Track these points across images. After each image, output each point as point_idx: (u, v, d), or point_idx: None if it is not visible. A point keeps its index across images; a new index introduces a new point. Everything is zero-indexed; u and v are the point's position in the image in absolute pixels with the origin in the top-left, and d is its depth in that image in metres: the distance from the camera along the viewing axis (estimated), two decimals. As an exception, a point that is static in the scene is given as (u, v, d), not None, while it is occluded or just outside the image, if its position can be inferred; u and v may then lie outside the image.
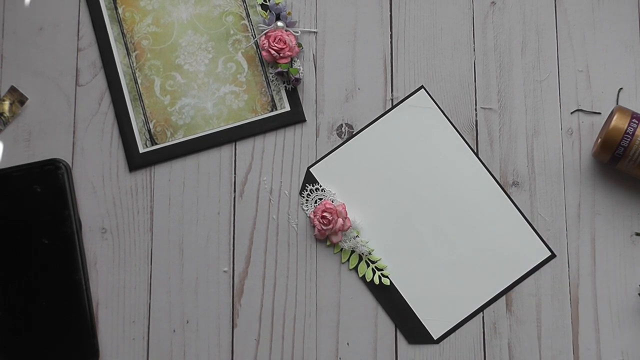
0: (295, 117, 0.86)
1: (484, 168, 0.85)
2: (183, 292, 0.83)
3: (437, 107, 0.86)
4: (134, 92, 0.87)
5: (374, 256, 0.83)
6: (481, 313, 0.82)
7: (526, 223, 0.84)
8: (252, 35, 0.88)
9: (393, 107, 0.87)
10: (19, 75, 0.87)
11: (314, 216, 0.83)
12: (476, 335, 0.82)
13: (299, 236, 0.84)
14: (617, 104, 0.86)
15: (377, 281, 0.83)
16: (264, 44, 0.85)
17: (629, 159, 0.80)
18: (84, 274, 0.82)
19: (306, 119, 0.87)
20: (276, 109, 0.87)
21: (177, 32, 0.88)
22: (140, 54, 0.87)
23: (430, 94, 0.87)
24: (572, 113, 0.86)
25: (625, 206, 0.84)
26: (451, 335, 0.82)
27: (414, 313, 0.82)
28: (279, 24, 0.86)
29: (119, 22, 0.88)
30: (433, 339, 0.82)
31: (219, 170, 0.86)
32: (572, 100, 0.86)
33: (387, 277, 0.83)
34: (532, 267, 0.83)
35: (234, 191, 0.85)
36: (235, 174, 0.86)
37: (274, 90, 0.87)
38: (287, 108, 0.87)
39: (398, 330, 0.83)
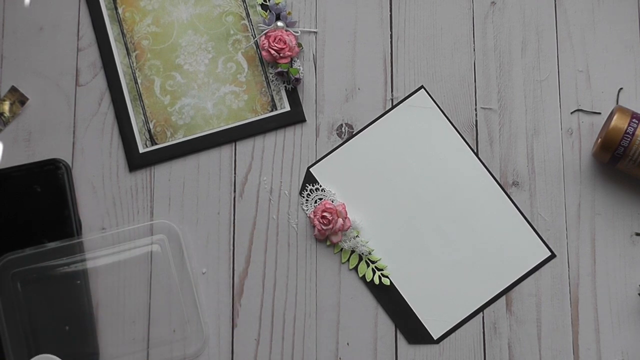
0: (295, 117, 0.86)
1: (484, 168, 0.85)
2: (183, 292, 0.83)
3: (437, 107, 0.86)
4: (134, 92, 0.87)
5: (374, 256, 0.84)
6: (481, 313, 0.82)
7: (526, 223, 0.84)
8: (252, 35, 0.88)
9: (393, 107, 0.87)
10: (19, 75, 0.87)
11: (314, 216, 0.83)
12: (476, 335, 0.82)
13: (299, 236, 0.84)
14: (617, 104, 0.86)
15: (377, 281, 0.83)
16: (264, 44, 0.85)
17: (629, 159, 0.80)
18: (83, 274, 0.82)
19: (306, 119, 0.87)
20: (276, 109, 0.87)
21: (177, 32, 0.88)
22: (140, 54, 0.87)
23: (430, 94, 0.87)
24: (572, 113, 0.86)
25: (625, 206, 0.84)
26: (451, 335, 0.82)
27: (414, 313, 0.82)
28: (279, 24, 0.86)
29: (119, 22, 0.88)
30: (433, 339, 0.82)
31: (219, 170, 0.86)
32: (572, 100, 0.86)
33: (387, 277, 0.83)
34: (532, 267, 0.83)
35: (234, 191, 0.85)
36: (235, 174, 0.86)
37: (274, 90, 0.87)
38: (287, 108, 0.87)
39: (398, 330, 0.83)
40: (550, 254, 0.83)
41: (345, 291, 0.83)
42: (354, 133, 0.86)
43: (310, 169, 0.86)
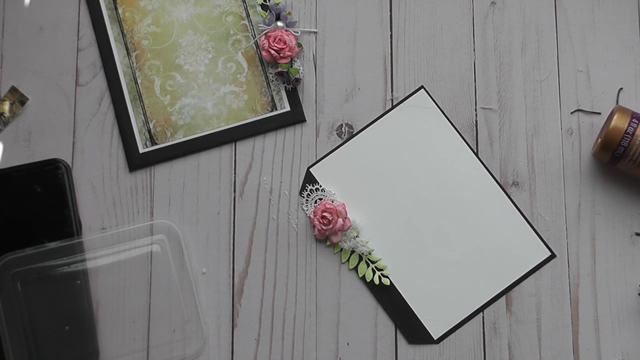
0: (295, 117, 0.86)
1: (484, 168, 0.85)
2: (183, 292, 0.83)
3: (437, 107, 0.86)
4: (134, 92, 0.87)
5: (374, 256, 0.84)
6: (481, 313, 0.82)
7: (526, 223, 0.84)
8: (252, 35, 0.88)
9: (393, 107, 0.87)
10: (19, 75, 0.87)
11: (314, 216, 0.83)
12: (476, 335, 0.82)
13: (299, 236, 0.84)
14: (617, 104, 0.86)
15: (377, 281, 0.83)
16: (264, 44, 0.85)
17: (629, 158, 0.80)
18: (83, 274, 0.82)
19: (306, 119, 0.87)
20: (276, 109, 0.87)
21: (177, 32, 0.88)
22: (140, 54, 0.87)
23: (430, 94, 0.87)
24: (572, 113, 0.86)
25: (625, 206, 0.84)
26: (451, 335, 0.82)
27: (414, 313, 0.83)
28: (279, 24, 0.86)
29: (119, 22, 0.88)
30: (433, 339, 0.82)
31: (219, 170, 0.86)
32: (572, 100, 0.86)
33: (387, 277, 0.83)
34: (532, 267, 0.83)
35: (234, 191, 0.85)
36: (235, 174, 0.86)
37: (274, 90, 0.87)
38: (287, 108, 0.87)
39: (398, 330, 0.83)
40: (550, 254, 0.83)
41: (345, 291, 0.83)
42: (354, 133, 0.86)
43: (310, 169, 0.86)
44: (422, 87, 0.87)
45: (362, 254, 0.83)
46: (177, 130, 0.86)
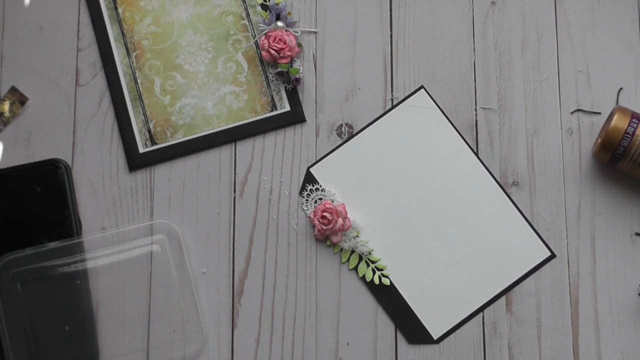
0: (295, 117, 0.86)
1: (484, 168, 0.85)
2: (183, 292, 0.83)
3: (437, 107, 0.86)
4: (134, 92, 0.87)
5: (374, 256, 0.84)
6: (481, 313, 0.82)
7: (526, 223, 0.84)
8: (252, 35, 0.88)
9: (393, 107, 0.87)
10: (19, 75, 0.87)
11: (314, 216, 0.83)
12: (476, 335, 0.82)
13: (299, 236, 0.84)
14: (617, 104, 0.86)
15: (377, 281, 0.83)
16: (264, 44, 0.85)
17: (629, 158, 0.80)
18: (83, 274, 0.82)
19: (306, 119, 0.87)
20: (276, 109, 0.87)
21: (177, 32, 0.88)
22: (140, 54, 0.87)
23: (430, 94, 0.87)
24: (572, 113, 0.86)
25: (625, 206, 0.84)
26: (451, 335, 0.82)
27: (414, 313, 0.83)
28: (279, 24, 0.86)
29: (119, 22, 0.88)
30: (433, 339, 0.82)
31: (219, 170, 0.86)
32: (572, 100, 0.86)
33: (387, 277, 0.83)
34: (532, 267, 0.83)
35: (234, 191, 0.85)
36: (235, 174, 0.86)
37: (274, 90, 0.87)
38: (287, 108, 0.87)
39: (398, 330, 0.83)
40: (550, 254, 0.83)
41: (345, 291, 0.83)
42: (354, 133, 0.86)
43: (310, 169, 0.86)
44: (422, 87, 0.87)
45: (362, 254, 0.83)
46: (177, 130, 0.86)
